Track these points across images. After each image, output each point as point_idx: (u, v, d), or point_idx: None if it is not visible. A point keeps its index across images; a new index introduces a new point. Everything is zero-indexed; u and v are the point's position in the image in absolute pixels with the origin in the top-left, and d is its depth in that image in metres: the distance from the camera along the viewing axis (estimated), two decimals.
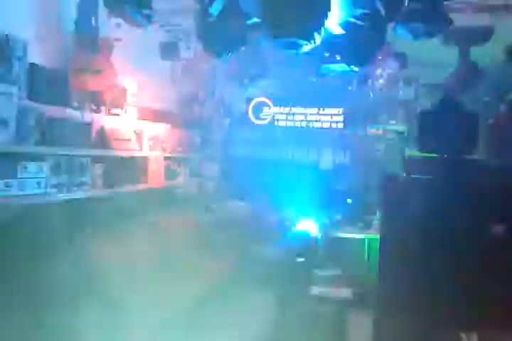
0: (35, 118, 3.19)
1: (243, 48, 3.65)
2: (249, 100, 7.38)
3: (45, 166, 3.30)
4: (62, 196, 3.51)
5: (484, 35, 3.95)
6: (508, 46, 3.94)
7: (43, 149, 3.27)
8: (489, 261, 2.12)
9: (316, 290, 3.72)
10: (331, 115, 7.33)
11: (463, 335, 2.08)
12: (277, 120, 7.45)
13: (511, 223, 2.10)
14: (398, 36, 3.26)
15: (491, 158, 2.44)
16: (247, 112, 7.44)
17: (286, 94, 7.49)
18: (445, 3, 2.97)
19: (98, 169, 3.95)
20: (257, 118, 7.45)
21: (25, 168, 3.10)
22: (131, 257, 4.06)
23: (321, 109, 7.35)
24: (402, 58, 4.59)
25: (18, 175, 3.04)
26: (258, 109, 7.45)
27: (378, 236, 2.63)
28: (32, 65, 3.26)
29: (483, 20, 3.88)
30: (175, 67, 5.68)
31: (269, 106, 7.42)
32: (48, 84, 3.41)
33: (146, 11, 3.26)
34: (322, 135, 7.36)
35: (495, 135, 2.54)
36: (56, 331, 2.94)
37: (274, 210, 6.21)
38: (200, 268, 4.67)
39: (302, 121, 7.42)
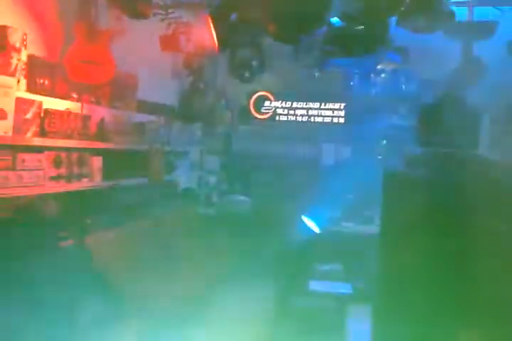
0: (34, 110, 3.17)
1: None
2: (250, 94, 7.36)
3: (44, 158, 3.29)
4: (61, 188, 3.50)
5: (487, 29, 3.91)
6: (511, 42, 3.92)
7: (41, 141, 3.26)
8: (489, 256, 2.11)
9: (315, 285, 3.71)
10: (333, 110, 7.31)
11: (462, 333, 2.07)
12: (279, 115, 7.43)
13: (509, 217, 2.08)
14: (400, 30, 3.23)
15: (491, 153, 2.42)
16: (248, 106, 7.42)
17: (288, 88, 7.46)
18: None
19: (97, 162, 3.94)
20: (259, 112, 7.43)
21: (23, 160, 3.08)
22: (134, 250, 4.06)
23: (323, 103, 7.33)
24: (404, 53, 4.55)
25: (17, 167, 3.03)
26: (259, 103, 7.42)
27: (379, 232, 2.61)
28: (30, 56, 3.23)
29: (486, 14, 3.85)
30: (175, 60, 5.65)
31: (270, 100, 7.40)
32: (46, 76, 3.39)
33: (145, 3, 3.24)
34: (324, 130, 7.35)
35: (496, 131, 2.52)
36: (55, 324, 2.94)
37: (276, 205, 6.20)
38: (200, 262, 4.67)
39: (304, 115, 7.40)
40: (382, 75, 6.37)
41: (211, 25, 3.39)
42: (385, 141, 6.23)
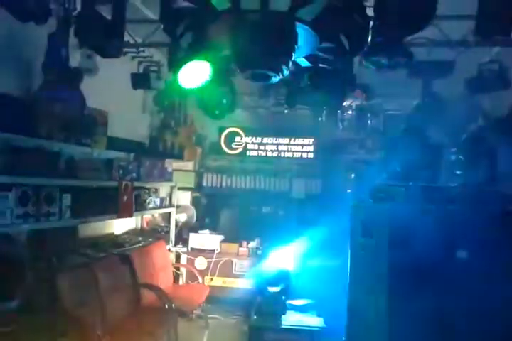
0: (1, 147, 3.15)
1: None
2: (221, 129, 7.45)
3: (11, 196, 3.23)
4: (29, 227, 3.42)
5: (446, 68, 4.12)
6: (468, 79, 4.12)
7: (9, 179, 3.21)
8: (454, 283, 2.16)
9: (288, 319, 3.68)
10: (302, 145, 7.45)
11: None
12: (249, 150, 7.52)
13: (474, 247, 2.15)
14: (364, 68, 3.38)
15: (454, 185, 2.51)
16: (219, 141, 7.50)
17: (258, 125, 7.59)
18: (407, 38, 3.10)
19: (66, 199, 3.87)
20: (229, 147, 7.50)
21: None
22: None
23: (292, 139, 7.47)
24: (368, 90, 4.72)
25: None
26: (230, 138, 7.51)
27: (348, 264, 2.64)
28: None
29: (444, 54, 4.06)
30: (146, 97, 5.71)
31: (241, 135, 7.50)
32: (15, 114, 3.38)
33: (117, 42, 3.30)
34: (294, 164, 7.45)
35: (458, 163, 2.63)
36: None
37: (247, 240, 6.18)
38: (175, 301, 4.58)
39: (274, 151, 7.51)
40: (349, 112, 6.56)
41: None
42: (353, 175, 6.34)
